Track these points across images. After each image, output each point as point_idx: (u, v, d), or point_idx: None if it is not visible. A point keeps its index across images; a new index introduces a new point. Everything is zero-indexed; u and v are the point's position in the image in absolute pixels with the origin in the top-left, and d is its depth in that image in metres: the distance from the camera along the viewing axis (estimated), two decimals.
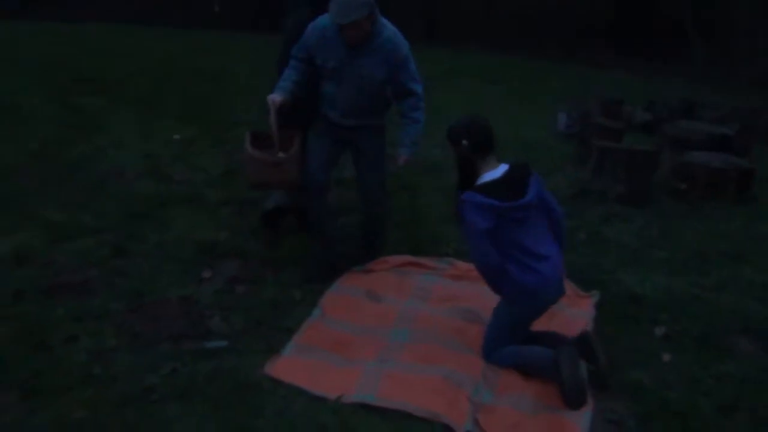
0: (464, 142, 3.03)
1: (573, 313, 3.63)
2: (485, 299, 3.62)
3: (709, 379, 3.16)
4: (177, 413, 2.69)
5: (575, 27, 20.20)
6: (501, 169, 3.02)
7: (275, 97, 3.50)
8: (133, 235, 4.34)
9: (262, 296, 3.71)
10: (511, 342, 3.12)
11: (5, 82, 8.59)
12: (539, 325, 3.24)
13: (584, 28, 20.29)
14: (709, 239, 5.00)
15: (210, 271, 3.94)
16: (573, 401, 2.84)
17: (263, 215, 4.49)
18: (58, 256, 3.99)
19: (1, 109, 7.27)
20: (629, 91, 12.00)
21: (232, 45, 14.68)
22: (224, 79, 10.45)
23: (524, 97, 11.47)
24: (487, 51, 18.59)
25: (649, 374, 3.17)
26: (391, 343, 3.29)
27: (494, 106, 10.46)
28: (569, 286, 3.66)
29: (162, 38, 14.69)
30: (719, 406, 2.96)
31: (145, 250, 4.18)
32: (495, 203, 2.89)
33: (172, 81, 9.90)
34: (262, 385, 2.93)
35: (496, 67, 15.34)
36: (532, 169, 3.09)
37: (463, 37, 20.86)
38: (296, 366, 3.07)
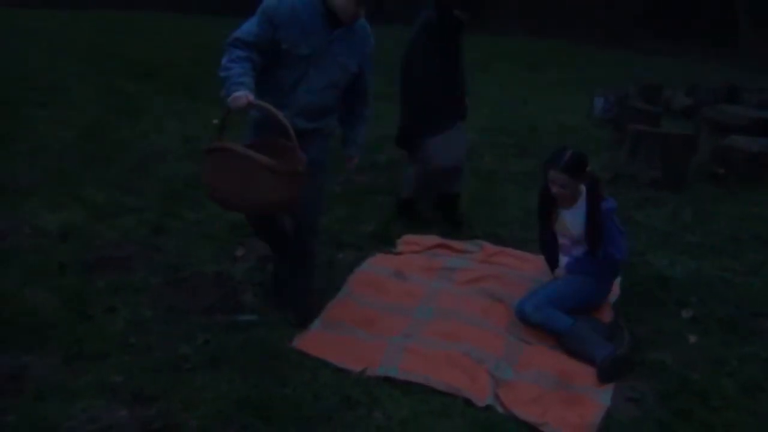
0: (588, 168, 3.43)
1: None
2: (512, 281, 3.73)
3: (733, 360, 3.15)
4: (207, 380, 2.82)
5: (618, 12, 19.79)
6: None
7: (247, 95, 2.69)
8: (171, 214, 4.50)
9: None
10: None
11: (56, 66, 8.91)
12: None
13: (627, 13, 19.87)
14: (743, 223, 4.92)
15: (243, 249, 4.07)
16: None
17: (400, 203, 4.63)
18: (100, 232, 4.17)
19: (51, 91, 7.56)
20: (672, 76, 11.77)
21: None
22: None
23: (563, 83, 11.35)
24: (527, 36, 18.37)
25: (673, 355, 3.17)
26: (415, 320, 3.37)
27: (533, 92, 10.41)
28: None
29: (201, 24, 14.95)
30: (742, 386, 2.96)
31: (182, 228, 4.34)
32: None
33: (212, 66, 10.09)
34: (289, 357, 3.03)
35: (535, 53, 15.16)
36: None
37: (502, 22, 20.64)
38: (323, 340, 3.17)
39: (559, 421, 2.65)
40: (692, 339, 3.33)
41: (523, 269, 3.89)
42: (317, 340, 3.16)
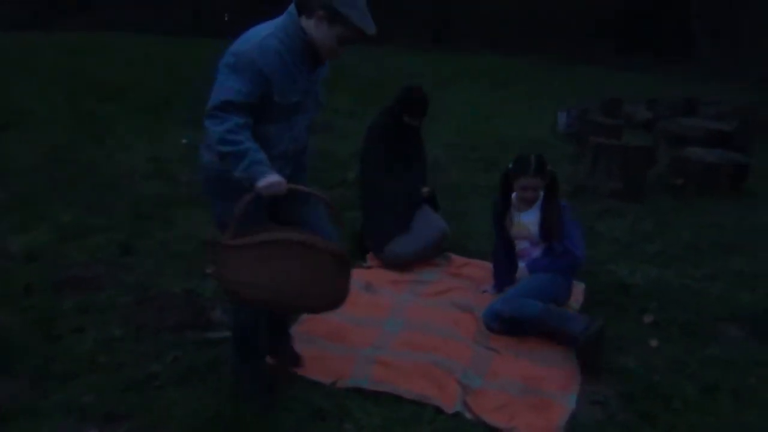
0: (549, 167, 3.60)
1: None
2: (478, 294, 3.81)
3: (694, 363, 3.25)
4: (178, 398, 2.82)
5: (581, 29, 20.32)
6: None
7: (282, 180, 2.42)
8: (139, 234, 4.50)
9: None
10: None
11: (21, 88, 8.84)
12: None
13: (590, 30, 20.42)
14: (702, 232, 5.09)
15: (213, 267, 4.06)
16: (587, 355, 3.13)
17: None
18: (67, 253, 4.15)
19: (17, 113, 7.49)
20: (633, 90, 12.10)
21: None
22: None
23: (529, 98, 11.59)
24: (494, 54, 18.72)
25: (635, 359, 3.26)
26: (384, 332, 3.41)
27: (499, 108, 10.62)
28: None
29: (172, 46, 14.95)
30: (702, 387, 3.05)
31: (151, 247, 4.33)
32: None
33: (180, 87, 10.11)
34: None
35: (502, 70, 15.47)
36: None
37: (470, 40, 21.02)
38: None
39: (526, 426, 2.71)
40: (654, 343, 3.43)
41: (489, 280, 3.97)
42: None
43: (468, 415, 2.79)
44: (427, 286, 3.98)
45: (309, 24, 2.44)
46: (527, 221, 3.64)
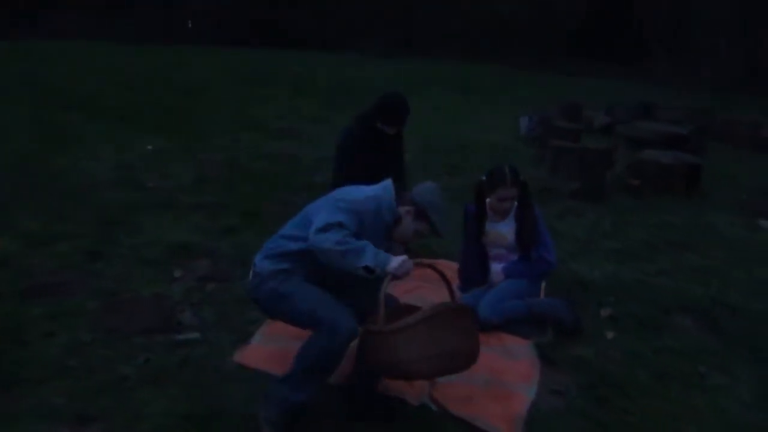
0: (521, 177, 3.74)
1: None
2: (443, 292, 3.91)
3: (648, 353, 3.42)
4: (149, 398, 2.87)
5: (546, 37, 20.77)
6: None
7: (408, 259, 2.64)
8: (107, 240, 4.51)
9: (231, 292, 3.89)
10: None
11: None
12: None
13: (554, 39, 20.87)
14: (657, 230, 5.30)
15: (181, 271, 4.12)
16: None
17: None
18: (35, 260, 4.15)
19: None
20: (594, 96, 12.43)
21: (203, 59, 14.88)
22: (196, 92, 10.66)
23: (493, 104, 11.82)
24: (460, 61, 18.99)
25: (592, 350, 3.42)
26: None
27: (464, 113, 10.81)
28: None
29: (136, 54, 14.86)
30: (656, 375, 3.22)
31: (119, 253, 4.35)
32: None
33: (145, 95, 10.09)
34: (230, 371, 3.11)
35: (468, 77, 15.71)
36: None
37: (437, 48, 21.30)
38: (263, 353, 3.26)
39: (489, 415, 2.83)
40: (610, 335, 3.58)
41: (455, 280, 4.08)
42: (257, 354, 3.25)
43: (433, 407, 2.90)
44: (397, 284, 4.07)
45: (402, 210, 2.79)
46: (504, 231, 3.74)
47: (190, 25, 25.39)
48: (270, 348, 3.32)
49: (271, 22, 22.44)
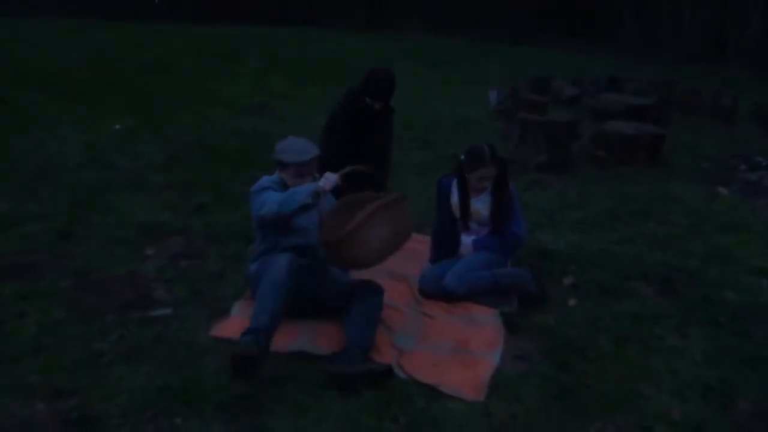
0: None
1: None
2: (411, 261, 4.02)
3: (607, 318, 3.56)
4: (124, 373, 2.92)
5: (518, 11, 20.79)
6: None
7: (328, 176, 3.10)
8: (78, 220, 4.51)
9: (204, 269, 3.95)
10: None
11: None
12: None
13: (526, 12, 20.90)
14: (620, 200, 5.45)
15: (154, 249, 4.15)
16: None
17: None
18: (3, 242, 4.14)
19: None
20: (564, 69, 12.54)
21: (169, 36, 14.65)
22: (162, 69, 10.53)
23: (464, 79, 11.88)
24: (430, 35, 18.95)
25: (555, 317, 3.55)
26: None
27: (435, 88, 10.85)
28: None
29: (99, 31, 14.57)
30: (615, 339, 3.36)
31: (90, 233, 4.36)
32: None
33: (110, 73, 9.94)
34: (204, 345, 3.18)
35: (437, 51, 15.72)
36: None
37: (408, 21, 21.20)
38: (238, 324, 3.30)
39: (453, 381, 2.94)
40: (572, 302, 3.72)
41: (425, 253, 4.19)
42: (232, 325, 3.31)
43: (401, 375, 3.01)
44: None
45: (282, 174, 3.37)
46: (479, 206, 3.84)
47: (156, 1, 24.91)
48: (244, 318, 3.37)
49: None
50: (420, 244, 4.29)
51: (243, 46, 14.01)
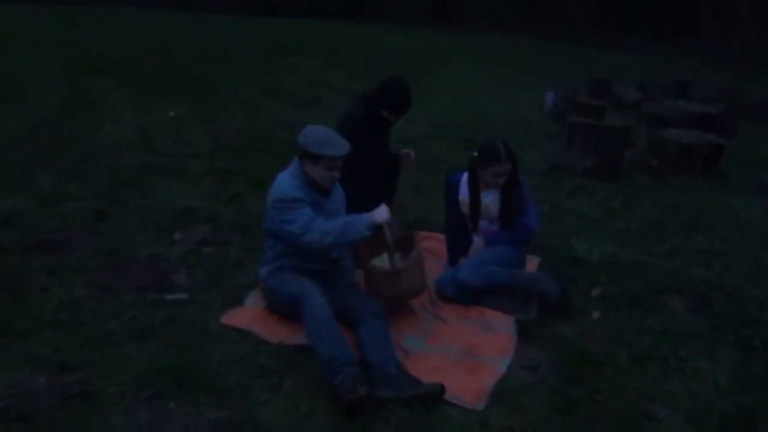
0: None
1: None
2: (432, 264, 3.95)
3: (631, 333, 3.38)
4: (131, 352, 2.99)
5: (587, 10, 20.19)
6: None
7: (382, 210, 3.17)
8: (115, 202, 4.65)
9: (226, 257, 3.99)
10: None
11: (17, 60, 8.97)
12: None
13: (599, 12, 20.27)
14: (668, 211, 5.18)
15: (181, 234, 4.23)
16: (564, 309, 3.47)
17: None
18: (42, 218, 4.31)
19: (10, 84, 7.65)
20: (633, 72, 12.08)
21: (237, 28, 14.97)
22: (224, 60, 10.75)
23: (523, 78, 11.60)
24: (496, 33, 18.63)
25: (574, 328, 3.39)
26: None
27: (492, 87, 10.65)
28: None
29: (173, 21, 15.03)
30: (634, 356, 3.19)
31: (125, 214, 4.48)
32: None
33: (175, 62, 10.22)
34: (213, 332, 3.21)
35: (500, 49, 15.44)
36: None
37: (472, 18, 20.94)
38: (249, 314, 3.35)
39: (455, 387, 2.84)
40: (596, 315, 3.55)
41: (439, 250, 4.12)
42: (243, 315, 3.33)
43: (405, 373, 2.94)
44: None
45: (306, 167, 3.17)
46: (488, 201, 3.74)
47: None
48: (257, 309, 3.40)
49: None
50: (438, 243, 4.21)
51: (308, 40, 14.15)
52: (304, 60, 11.49)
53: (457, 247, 3.86)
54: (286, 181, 3.20)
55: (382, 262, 3.43)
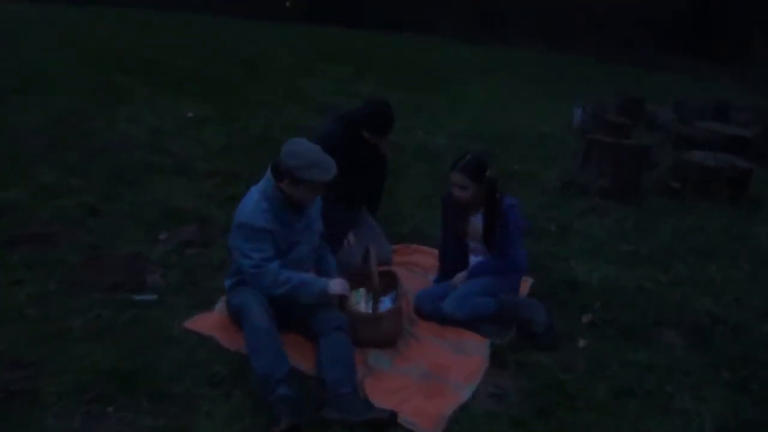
0: (488, 173, 3.43)
1: None
2: (415, 277, 3.80)
3: (615, 366, 3.15)
4: (85, 351, 2.91)
5: (633, 27, 19.71)
6: None
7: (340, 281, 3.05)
8: (111, 198, 4.64)
9: (207, 258, 3.91)
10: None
11: (53, 56, 9.19)
12: None
13: (642, 29, 19.77)
14: (683, 236, 4.89)
15: (167, 234, 4.17)
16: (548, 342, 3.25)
17: None
18: (36, 211, 4.31)
19: (39, 79, 7.82)
20: (674, 92, 11.67)
21: (278, 34, 15.09)
22: (257, 64, 10.82)
23: (558, 94, 11.31)
24: (542, 49, 18.34)
25: (554, 357, 3.17)
26: None
27: (523, 101, 10.41)
28: None
29: (214, 26, 15.25)
30: (615, 390, 2.95)
31: (117, 211, 4.46)
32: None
33: (206, 64, 10.34)
34: (173, 336, 3.12)
35: (540, 65, 15.17)
36: None
37: (520, 33, 20.68)
38: (212, 320, 3.25)
39: (412, 410, 2.68)
40: (582, 342, 3.33)
41: (427, 265, 3.96)
42: (206, 320, 3.24)
43: (359, 395, 2.79)
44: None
45: (284, 185, 2.90)
46: (477, 224, 3.57)
47: (288, 5, 25.73)
48: (222, 316, 3.29)
49: (359, 4, 22.42)
50: (427, 257, 4.04)
51: (345, 49, 14.17)
52: (336, 68, 11.49)
53: (450, 267, 3.68)
54: (252, 204, 2.95)
55: (358, 297, 3.33)
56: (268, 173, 2.95)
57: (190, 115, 7.18)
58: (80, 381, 2.70)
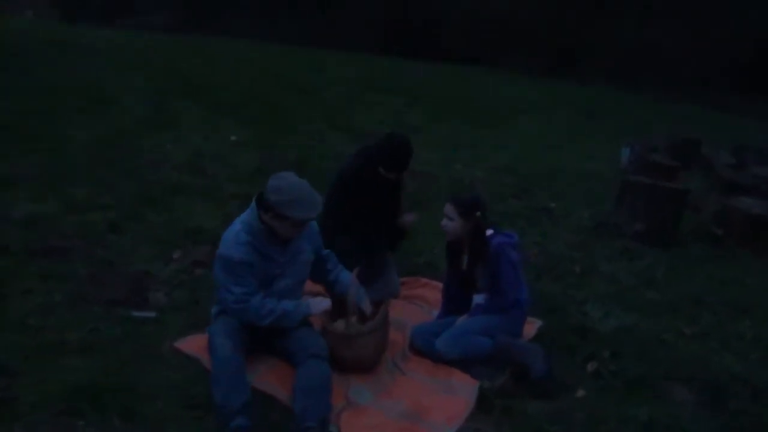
0: (478, 213, 3.35)
1: None
2: (414, 310, 3.71)
3: (611, 421, 2.95)
4: (72, 364, 2.96)
5: (707, 69, 19.05)
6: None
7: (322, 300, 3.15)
8: (134, 216, 4.75)
9: (213, 279, 3.92)
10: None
11: (115, 80, 9.62)
12: None
13: (717, 71, 19.08)
14: (717, 288, 4.60)
15: (180, 253, 4.23)
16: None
17: None
18: (61, 225, 4.47)
19: (100, 100, 8.20)
20: (739, 135, 11.20)
21: (339, 63, 15.36)
22: (310, 92, 11.01)
23: (613, 133, 10.98)
24: (611, 88, 17.95)
25: (546, 406, 3.01)
26: None
27: (574, 139, 10.17)
28: None
29: (283, 55, 15.66)
30: None
31: (137, 228, 4.57)
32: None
33: (260, 89, 10.60)
34: (162, 355, 3.14)
35: (608, 102, 14.87)
36: None
37: (588, 72, 20.33)
38: (201, 341, 3.22)
39: None
40: (580, 393, 3.14)
41: (430, 298, 3.89)
42: (196, 342, 3.23)
43: (333, 429, 2.71)
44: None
45: (267, 218, 2.89)
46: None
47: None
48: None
49: (425, 33, 22.60)
50: (434, 292, 3.94)
51: (404, 80, 14.24)
52: (389, 98, 11.55)
53: (452, 304, 3.58)
54: (232, 235, 2.94)
55: (342, 325, 3.29)
56: (253, 204, 2.95)
57: (233, 138, 7.35)
58: (56, 393, 2.74)
